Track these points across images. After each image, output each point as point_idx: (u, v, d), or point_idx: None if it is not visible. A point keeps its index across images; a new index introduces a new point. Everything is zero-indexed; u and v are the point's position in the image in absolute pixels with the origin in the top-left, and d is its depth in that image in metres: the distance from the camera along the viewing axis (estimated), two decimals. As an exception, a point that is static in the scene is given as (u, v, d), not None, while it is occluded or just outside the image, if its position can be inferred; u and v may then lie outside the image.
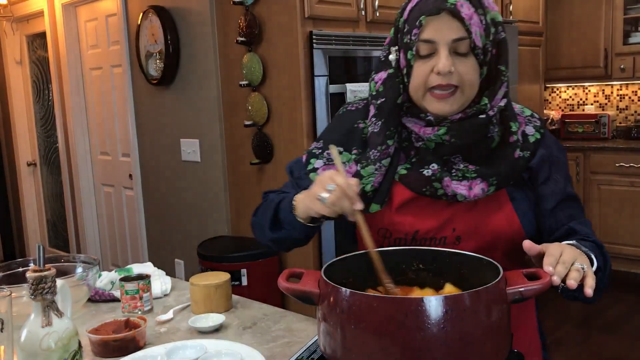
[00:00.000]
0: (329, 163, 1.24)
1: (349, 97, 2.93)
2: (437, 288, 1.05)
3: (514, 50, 4.03)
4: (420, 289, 1.04)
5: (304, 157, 1.29)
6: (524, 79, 4.38)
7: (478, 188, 1.12)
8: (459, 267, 1.03)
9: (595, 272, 1.01)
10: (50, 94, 4.68)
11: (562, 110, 5.24)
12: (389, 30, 1.20)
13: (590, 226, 1.20)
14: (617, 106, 4.94)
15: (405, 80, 1.15)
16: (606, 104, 5.00)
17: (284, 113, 2.94)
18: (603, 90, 5.00)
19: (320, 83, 2.88)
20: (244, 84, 3.00)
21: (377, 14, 3.10)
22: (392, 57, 1.17)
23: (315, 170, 1.25)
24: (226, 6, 3.11)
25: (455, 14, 1.07)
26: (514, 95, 4.02)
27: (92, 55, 4.21)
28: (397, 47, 1.16)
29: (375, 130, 1.18)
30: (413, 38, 1.10)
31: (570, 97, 5.21)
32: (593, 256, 1.04)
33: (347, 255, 1.06)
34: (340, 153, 1.22)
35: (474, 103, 1.12)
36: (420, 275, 1.07)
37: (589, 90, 5.09)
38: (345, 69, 3.01)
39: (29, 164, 5.05)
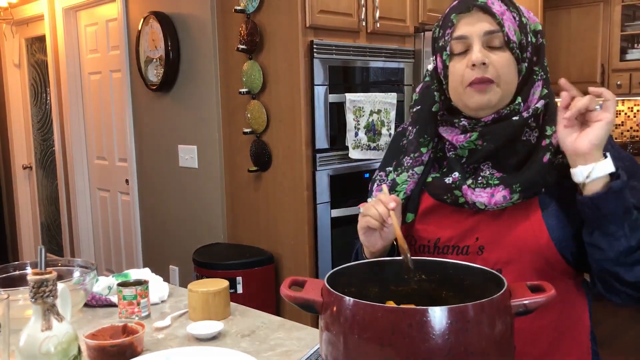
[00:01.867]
0: (380, 183, 1.27)
1: (348, 107, 2.94)
2: (439, 299, 1.05)
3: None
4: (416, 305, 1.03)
5: (370, 185, 1.32)
6: (522, 92, 4.39)
7: (499, 195, 1.09)
8: (463, 278, 1.02)
9: (617, 178, 0.98)
10: (48, 98, 4.67)
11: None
12: (389, 41, 1.23)
13: None
14: (613, 122, 4.96)
15: (444, 83, 1.15)
16: (602, 119, 5.02)
17: (283, 121, 2.94)
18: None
19: (320, 92, 2.89)
20: (243, 92, 3.01)
21: (378, 25, 3.11)
22: (430, 67, 1.19)
23: (372, 192, 1.28)
24: (227, 14, 3.12)
25: (486, 9, 1.08)
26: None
27: (91, 60, 4.21)
28: (434, 57, 1.18)
29: (410, 138, 1.20)
30: (446, 38, 1.11)
31: (567, 111, 5.24)
32: (610, 158, 0.99)
33: (351, 264, 1.05)
34: (389, 173, 1.25)
35: (509, 103, 1.10)
36: (423, 285, 1.07)
37: (586, 106, 5.11)
38: (344, 78, 3.01)
39: (24, 167, 5.03)
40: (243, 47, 2.96)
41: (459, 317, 0.82)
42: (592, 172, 0.99)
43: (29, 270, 1.54)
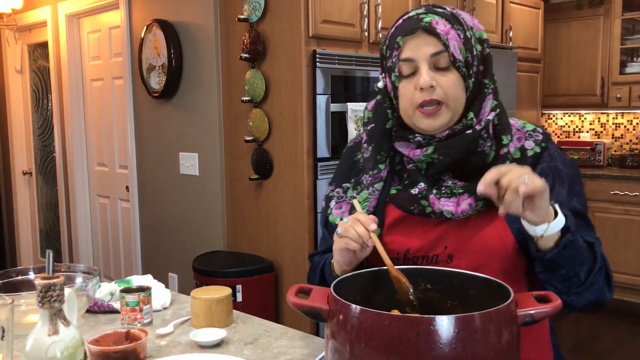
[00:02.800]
0: (339, 201, 1.28)
1: (350, 116, 2.95)
2: (444, 309, 1.05)
3: (513, 76, 4.07)
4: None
5: (323, 203, 1.33)
6: (522, 104, 4.41)
7: (465, 204, 1.12)
8: (468, 288, 1.03)
9: (564, 234, 1.02)
10: (49, 104, 4.67)
11: (558, 137, 5.28)
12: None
13: (600, 245, 1.14)
14: (613, 134, 4.98)
15: (394, 102, 1.18)
16: (602, 132, 5.05)
17: (284, 130, 2.95)
18: (599, 118, 5.05)
19: (322, 101, 2.90)
20: (245, 100, 3.02)
21: (380, 36, 3.13)
22: (380, 84, 1.22)
23: (331, 211, 1.29)
24: (231, 22, 3.13)
25: (430, 31, 1.10)
26: (512, 120, 4.05)
27: (93, 67, 4.22)
28: (383, 75, 1.20)
29: (367, 156, 1.22)
30: (394, 60, 1.14)
31: (567, 124, 5.26)
32: (559, 210, 1.02)
33: (356, 272, 1.06)
34: (347, 189, 1.27)
35: (461, 119, 1.14)
36: (427, 295, 1.07)
37: (585, 118, 5.14)
38: (346, 88, 3.03)
39: (24, 173, 5.02)
40: (246, 55, 2.97)
41: (467, 326, 0.82)
42: (546, 232, 1.02)
43: (31, 275, 1.54)
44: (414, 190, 1.15)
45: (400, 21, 1.16)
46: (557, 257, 1.04)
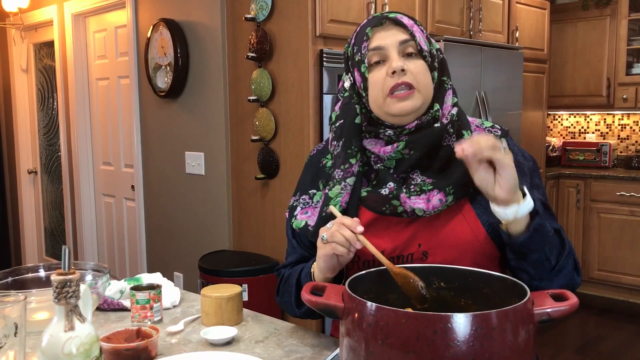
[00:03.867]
0: (305, 207, 1.28)
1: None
2: (458, 307, 1.04)
3: (519, 77, 4.06)
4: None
5: (286, 215, 1.33)
6: (528, 105, 4.41)
7: (436, 199, 1.14)
8: (482, 286, 1.02)
9: (532, 218, 1.05)
10: (55, 103, 4.68)
11: (564, 138, 5.27)
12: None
13: (564, 233, 1.17)
14: (619, 135, 4.97)
15: (364, 95, 1.19)
16: (607, 132, 5.04)
17: (291, 129, 2.95)
18: (605, 119, 5.04)
19: (328, 101, 2.90)
20: (252, 99, 3.02)
21: (387, 35, 3.13)
22: (346, 84, 1.23)
23: (296, 217, 1.29)
24: (237, 22, 3.13)
25: (397, 21, 1.17)
26: (517, 121, 4.05)
27: (99, 66, 4.22)
28: (349, 75, 1.22)
29: (337, 152, 1.22)
30: (363, 51, 1.17)
31: (572, 124, 5.25)
32: (527, 192, 1.05)
33: (370, 270, 1.05)
34: (314, 194, 1.28)
35: (427, 111, 1.17)
36: (441, 293, 1.07)
37: (591, 119, 5.13)
38: (353, 88, 3.02)
39: (29, 172, 5.03)
40: (253, 55, 2.97)
41: (484, 324, 0.82)
42: (517, 214, 1.04)
43: (41, 272, 1.54)
44: (384, 191, 1.16)
45: (365, 20, 1.21)
46: (528, 241, 1.06)
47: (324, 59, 2.84)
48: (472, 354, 0.81)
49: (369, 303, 0.87)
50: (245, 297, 2.88)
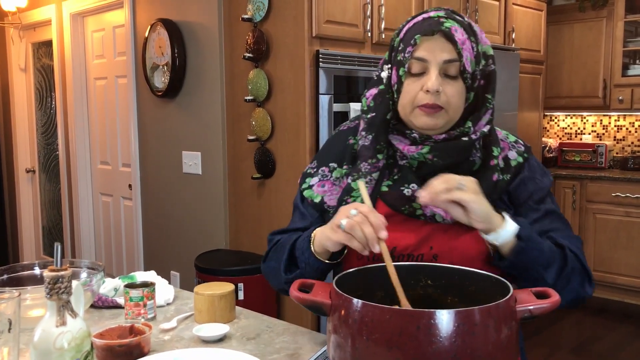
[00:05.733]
0: (323, 179, 1.27)
1: (353, 116, 2.96)
2: (444, 305, 1.06)
3: (515, 78, 4.08)
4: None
5: (299, 180, 1.32)
6: (524, 106, 4.43)
7: None
8: (468, 284, 1.04)
9: (519, 240, 1.07)
10: (53, 102, 4.70)
11: (560, 139, 5.29)
12: (393, 52, 1.24)
13: (578, 243, 1.19)
14: (615, 136, 4.99)
15: (395, 96, 1.19)
16: (603, 134, 5.06)
17: (287, 129, 2.97)
18: (601, 120, 5.07)
19: (324, 101, 2.92)
20: (249, 99, 3.03)
21: (383, 36, 3.15)
22: (384, 74, 1.22)
23: (310, 187, 1.28)
24: (234, 22, 3.15)
25: (449, 36, 1.11)
26: (513, 122, 4.07)
27: (97, 65, 4.24)
28: (390, 65, 1.21)
29: (366, 144, 1.21)
30: (406, 55, 1.14)
31: (569, 125, 5.27)
32: (507, 218, 1.08)
33: (359, 268, 1.07)
34: (334, 169, 1.26)
35: (457, 126, 1.16)
36: (428, 291, 1.08)
37: (587, 120, 5.15)
38: (349, 88, 3.04)
39: (27, 171, 5.05)
40: (249, 55, 2.99)
41: (466, 320, 0.83)
42: (498, 239, 1.07)
43: (36, 270, 1.56)
44: (407, 192, 1.17)
45: (420, 19, 1.17)
46: (512, 265, 1.09)
47: (320, 59, 2.86)
48: (454, 349, 0.83)
49: (355, 300, 0.89)
50: (241, 296, 2.89)
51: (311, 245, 1.16)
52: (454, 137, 1.15)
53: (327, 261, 1.16)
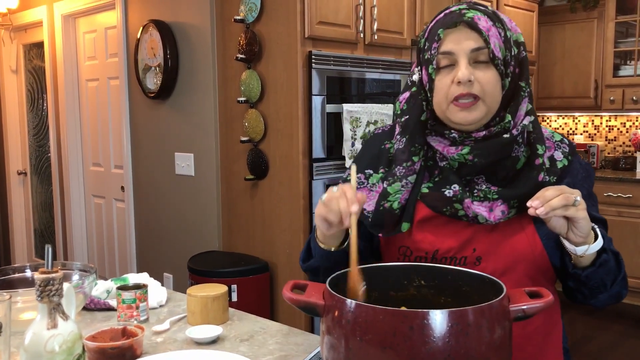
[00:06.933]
0: (360, 187, 1.25)
1: (345, 117, 2.97)
2: (438, 305, 1.06)
3: (507, 78, 4.09)
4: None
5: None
6: (516, 106, 4.44)
7: (498, 210, 1.12)
8: (461, 284, 1.04)
9: (599, 255, 1.07)
10: (45, 104, 4.67)
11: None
12: (387, 53, 1.24)
13: (612, 246, 1.17)
14: (606, 137, 5.02)
15: (429, 95, 1.16)
16: (595, 134, 5.08)
17: (280, 130, 2.96)
18: (593, 120, 5.09)
19: (317, 102, 2.91)
20: (241, 101, 3.03)
21: (375, 37, 3.15)
22: (415, 77, 1.20)
23: None
24: (227, 23, 3.15)
25: (472, 26, 1.09)
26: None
27: (89, 67, 4.22)
28: (419, 68, 1.19)
29: (400, 147, 1.19)
30: (433, 52, 1.12)
31: (560, 126, 5.29)
32: (599, 232, 1.06)
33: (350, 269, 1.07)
34: (370, 175, 1.24)
35: (497, 119, 1.13)
36: (422, 291, 1.08)
37: (579, 120, 5.17)
38: (342, 89, 3.04)
39: (19, 173, 5.02)
40: (242, 56, 2.99)
41: (460, 320, 0.83)
42: (587, 252, 1.06)
43: (28, 273, 1.55)
44: (448, 192, 1.14)
45: (442, 15, 1.15)
46: (592, 275, 1.09)
47: (313, 60, 2.86)
48: (448, 349, 0.83)
49: (348, 300, 0.89)
50: (235, 298, 2.89)
51: (316, 237, 1.18)
52: (494, 133, 1.11)
53: (332, 249, 1.15)
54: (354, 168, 1.11)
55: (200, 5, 3.24)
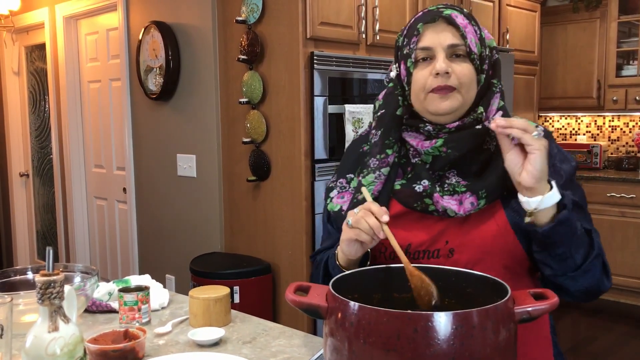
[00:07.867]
0: (342, 191, 1.27)
1: (347, 118, 2.96)
2: (441, 307, 1.05)
3: (510, 79, 4.08)
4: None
5: (324, 196, 1.33)
6: (519, 107, 4.43)
7: (467, 202, 1.14)
8: (465, 285, 1.03)
9: (559, 212, 1.05)
10: (47, 105, 4.67)
11: (555, 139, 5.30)
12: (388, 54, 1.25)
13: (597, 237, 1.15)
14: (609, 137, 5.00)
15: (406, 89, 1.19)
16: (598, 134, 5.07)
17: (282, 131, 2.96)
18: (595, 120, 5.08)
19: (319, 103, 2.91)
20: (243, 102, 3.02)
21: (377, 38, 3.14)
22: (392, 74, 1.24)
23: (331, 200, 1.28)
24: (228, 24, 3.14)
25: (450, 21, 1.14)
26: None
27: (91, 69, 4.22)
28: (397, 64, 1.22)
29: (375, 140, 1.22)
30: (412, 46, 1.16)
31: (563, 126, 5.28)
32: (556, 188, 1.04)
33: (355, 270, 1.06)
34: (352, 179, 1.27)
35: (470, 112, 1.16)
36: (425, 293, 1.07)
37: (582, 121, 5.16)
38: (344, 90, 3.04)
39: (21, 175, 5.02)
40: (244, 57, 2.98)
41: (464, 322, 0.82)
42: (540, 204, 1.04)
43: (29, 275, 1.54)
44: (418, 188, 1.16)
45: (420, 13, 1.20)
46: (551, 232, 1.05)
47: (315, 61, 2.85)
48: (452, 352, 0.82)
49: (351, 302, 0.88)
50: (237, 299, 2.88)
51: (337, 261, 1.18)
52: (467, 124, 1.14)
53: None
54: (365, 191, 1.14)
55: (201, 7, 3.24)
